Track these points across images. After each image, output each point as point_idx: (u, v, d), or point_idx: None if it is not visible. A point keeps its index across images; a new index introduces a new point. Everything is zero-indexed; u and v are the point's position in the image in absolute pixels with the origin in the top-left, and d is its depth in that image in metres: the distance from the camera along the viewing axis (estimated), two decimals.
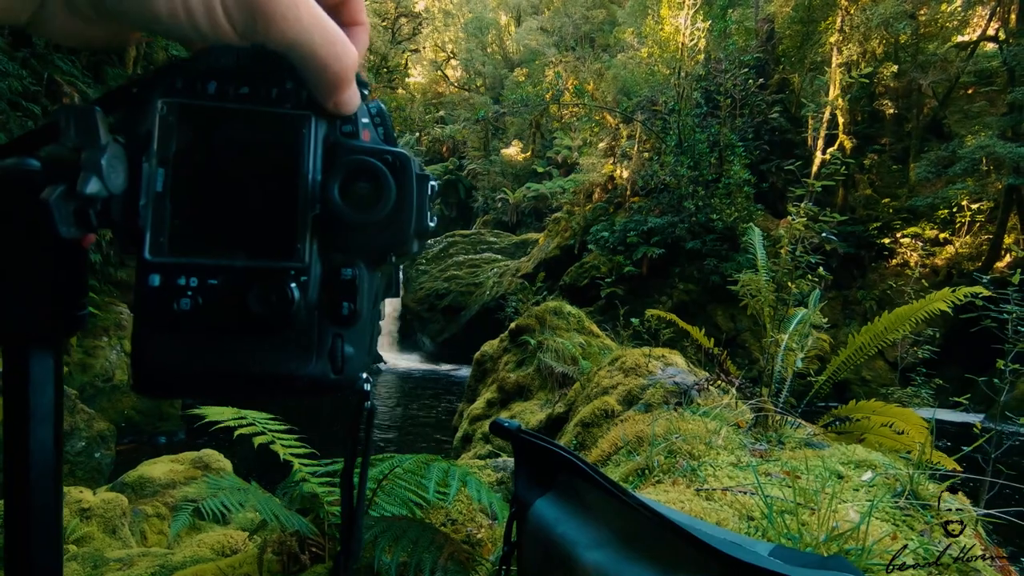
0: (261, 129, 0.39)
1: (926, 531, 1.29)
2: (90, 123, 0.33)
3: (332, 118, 0.40)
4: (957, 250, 15.62)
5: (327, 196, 0.39)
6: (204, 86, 0.38)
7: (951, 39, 18.20)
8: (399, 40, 28.53)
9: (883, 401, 2.59)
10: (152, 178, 0.37)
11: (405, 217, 0.40)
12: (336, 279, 0.39)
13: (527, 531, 0.97)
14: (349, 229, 0.39)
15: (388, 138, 0.43)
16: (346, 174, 0.39)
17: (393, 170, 0.40)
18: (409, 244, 0.41)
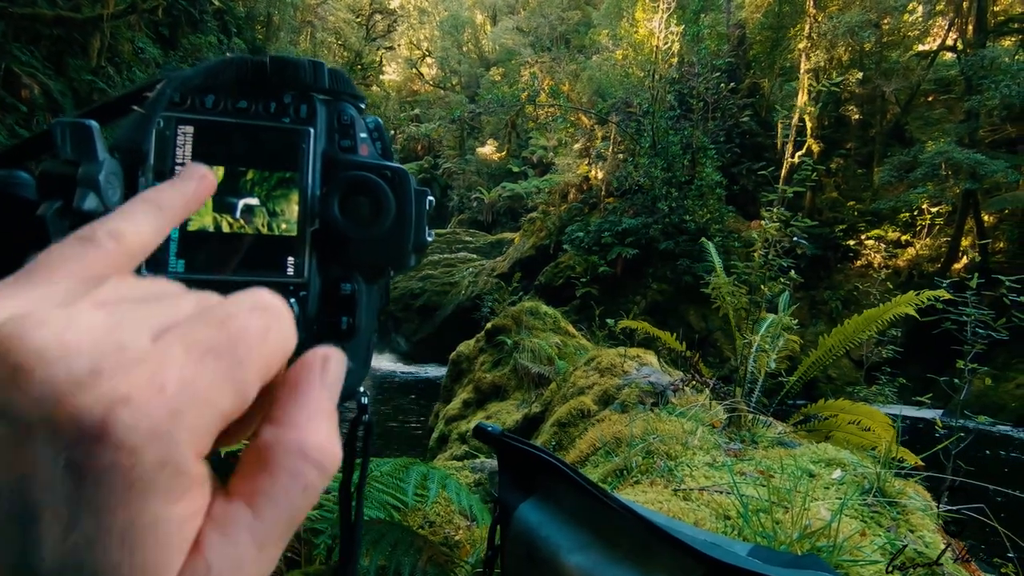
0: (259, 143, 0.39)
1: (893, 527, 1.34)
2: (87, 137, 0.32)
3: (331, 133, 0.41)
4: (918, 252, 16.17)
5: (326, 211, 0.39)
6: (202, 100, 0.38)
7: (913, 48, 18.83)
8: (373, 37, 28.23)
9: (850, 400, 2.68)
10: None
11: (404, 232, 0.40)
12: (335, 294, 0.40)
13: (510, 534, 0.98)
14: (348, 244, 0.39)
15: (386, 153, 0.43)
16: (345, 189, 0.39)
17: (392, 185, 0.40)
18: (407, 258, 0.41)
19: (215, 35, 14.38)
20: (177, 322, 0.20)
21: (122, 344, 0.19)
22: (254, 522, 0.20)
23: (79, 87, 10.52)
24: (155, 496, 0.18)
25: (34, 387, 0.17)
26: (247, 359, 0.20)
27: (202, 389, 0.19)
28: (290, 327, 0.23)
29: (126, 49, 11.81)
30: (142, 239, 0.25)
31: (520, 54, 27.15)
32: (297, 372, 0.23)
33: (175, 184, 0.28)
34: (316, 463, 0.21)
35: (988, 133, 16.08)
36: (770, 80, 19.24)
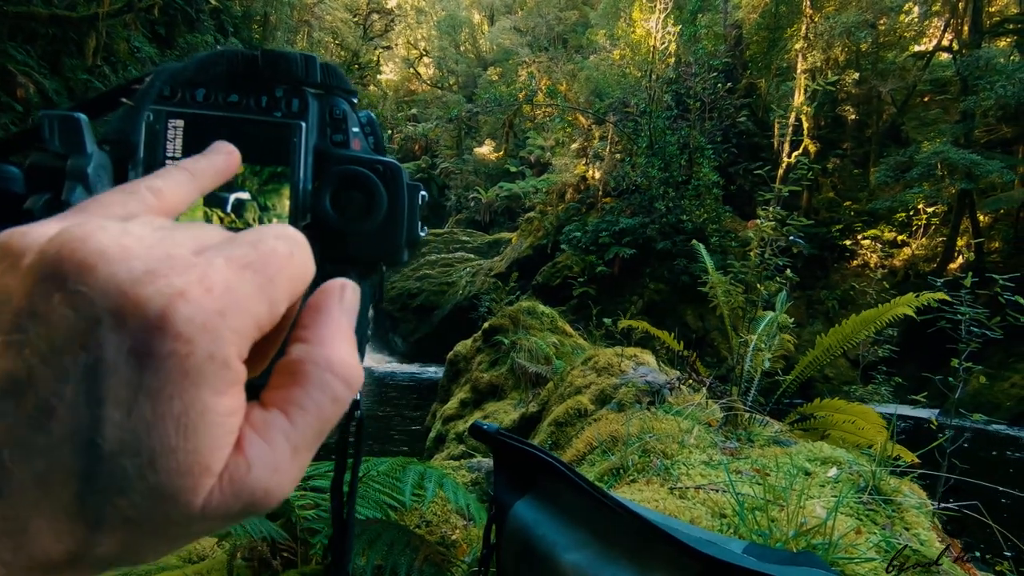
0: (250, 137, 0.38)
1: (888, 525, 1.34)
2: (75, 130, 0.32)
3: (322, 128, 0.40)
4: (914, 252, 16.22)
5: (318, 206, 0.39)
6: (192, 93, 0.38)
7: (909, 49, 18.89)
8: (371, 36, 28.19)
9: (845, 399, 2.68)
10: None
11: (397, 227, 0.40)
12: None
13: (506, 533, 0.98)
14: (340, 239, 0.39)
15: (379, 147, 0.43)
16: (338, 184, 0.39)
17: (384, 180, 0.40)
18: (400, 254, 0.41)
19: (211, 34, 14.35)
20: (212, 243, 0.23)
21: (169, 253, 0.21)
22: (289, 428, 0.22)
23: (75, 86, 10.48)
24: (206, 386, 0.19)
25: (99, 281, 0.19)
26: (277, 277, 0.22)
27: (242, 297, 0.21)
28: (309, 255, 0.25)
29: (122, 48, 11.77)
30: (178, 198, 0.28)
31: (517, 54, 27.16)
32: (319, 297, 0.26)
33: (206, 156, 0.31)
34: (342, 377, 0.23)
35: (984, 133, 16.14)
36: (767, 80, 19.28)
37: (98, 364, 0.18)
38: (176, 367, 0.19)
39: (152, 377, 0.18)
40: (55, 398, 0.18)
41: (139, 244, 0.20)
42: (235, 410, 0.20)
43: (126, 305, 0.19)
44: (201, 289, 0.20)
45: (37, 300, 0.19)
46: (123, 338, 0.18)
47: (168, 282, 0.19)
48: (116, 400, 0.18)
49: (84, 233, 0.20)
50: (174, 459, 0.19)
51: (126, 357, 0.18)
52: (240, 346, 0.21)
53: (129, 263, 0.19)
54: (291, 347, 0.24)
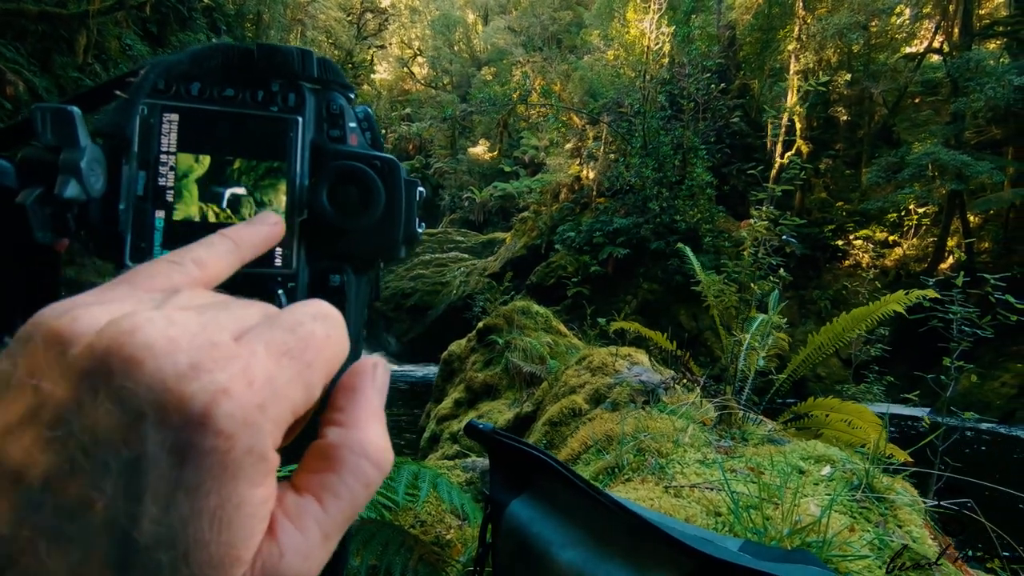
0: (246, 132, 0.38)
1: (881, 523, 1.35)
2: (68, 124, 0.32)
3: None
4: (905, 252, 16.35)
5: (315, 201, 0.38)
6: (187, 87, 0.37)
7: (900, 50, 19.04)
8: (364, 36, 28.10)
9: (839, 398, 2.70)
10: (132, 181, 0.36)
11: (394, 223, 0.40)
12: (324, 285, 0.39)
13: (502, 532, 0.97)
14: (337, 235, 0.39)
15: (375, 142, 0.42)
16: (334, 179, 0.39)
17: (382, 175, 0.40)
18: (397, 250, 0.41)
19: (204, 32, 14.26)
20: (251, 326, 0.23)
21: (213, 342, 0.21)
22: (322, 515, 0.22)
23: (65, 84, 10.39)
24: (243, 480, 0.20)
25: (145, 376, 0.19)
26: (315, 362, 0.23)
27: (281, 386, 0.21)
28: (345, 334, 0.25)
29: (113, 46, 11.67)
30: (220, 269, 0.29)
31: (512, 54, 27.16)
32: (352, 377, 0.26)
33: (252, 225, 0.32)
34: (376, 462, 0.24)
35: (974, 135, 16.28)
36: (760, 81, 19.37)
37: (139, 460, 0.19)
38: (216, 463, 0.19)
39: (192, 473, 0.19)
40: (95, 492, 0.18)
41: (184, 334, 0.20)
42: (268, 498, 0.21)
43: (170, 401, 0.19)
44: (243, 383, 0.20)
45: (83, 394, 0.19)
46: (166, 434, 0.19)
47: (212, 378, 0.20)
48: (155, 495, 0.18)
49: (133, 326, 0.20)
50: (207, 552, 0.19)
51: (167, 453, 0.19)
52: (277, 436, 0.21)
53: (175, 357, 0.20)
54: (326, 429, 0.24)
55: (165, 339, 0.20)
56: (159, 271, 0.26)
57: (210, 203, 0.37)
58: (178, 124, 0.37)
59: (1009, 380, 12.19)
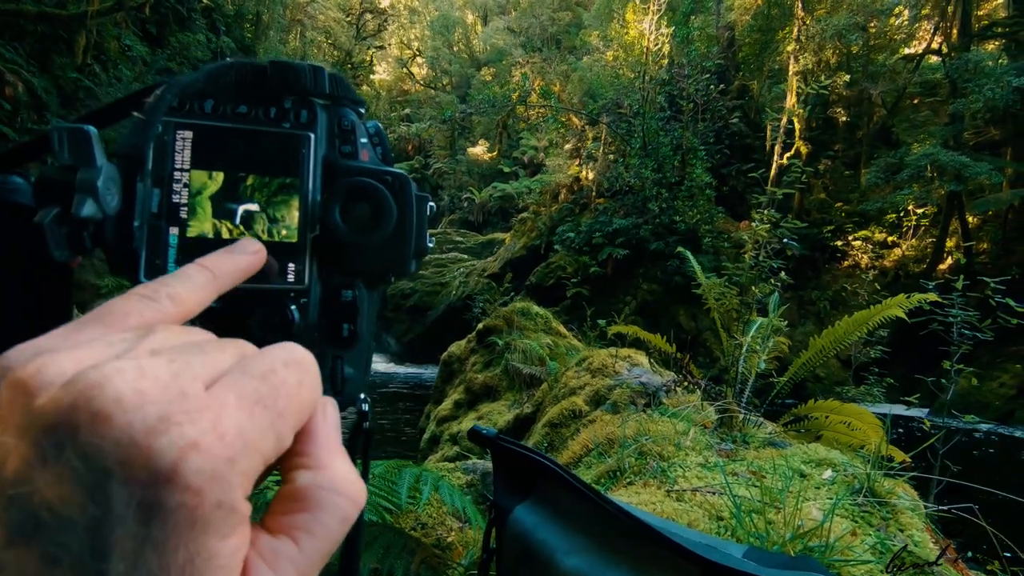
0: (259, 148, 0.38)
1: (882, 527, 1.35)
2: (85, 143, 0.32)
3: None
4: (904, 252, 16.37)
5: (328, 217, 0.39)
6: (201, 105, 0.37)
7: (899, 51, 19.06)
8: (364, 36, 28.10)
9: (839, 400, 2.70)
10: (147, 198, 0.36)
11: (405, 238, 0.40)
12: (336, 300, 0.39)
13: (506, 537, 0.97)
14: (349, 250, 0.39)
15: (386, 157, 0.43)
16: (347, 195, 0.39)
17: (393, 191, 0.40)
18: (408, 265, 0.41)
19: (203, 33, 14.25)
20: (224, 371, 0.23)
21: (184, 392, 0.21)
22: (297, 555, 0.22)
23: (64, 84, 10.38)
24: (212, 533, 0.19)
25: (113, 431, 0.19)
26: (286, 411, 0.23)
27: (252, 437, 0.21)
28: (317, 378, 0.26)
29: (112, 47, 11.66)
30: (195, 302, 0.28)
31: (511, 54, 27.17)
32: (308, 421, 0.26)
33: (231, 254, 0.32)
34: (351, 497, 0.24)
35: (972, 136, 16.30)
36: (759, 82, 19.39)
37: (105, 517, 0.18)
38: (184, 519, 0.19)
39: (159, 529, 0.18)
40: (60, 550, 0.18)
41: (154, 385, 0.20)
42: (240, 547, 0.21)
43: (138, 457, 0.18)
44: (214, 436, 0.20)
45: (48, 449, 0.18)
46: (132, 491, 0.18)
47: (181, 432, 0.19)
48: (121, 552, 0.18)
49: (101, 378, 0.19)
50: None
51: (134, 510, 0.18)
52: (247, 487, 0.21)
53: (144, 410, 0.19)
54: (293, 474, 0.24)
55: (134, 392, 0.19)
56: (132, 308, 0.25)
57: (224, 220, 0.37)
58: (192, 141, 0.37)
59: (1008, 381, 12.21)
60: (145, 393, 0.19)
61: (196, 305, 0.28)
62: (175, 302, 0.27)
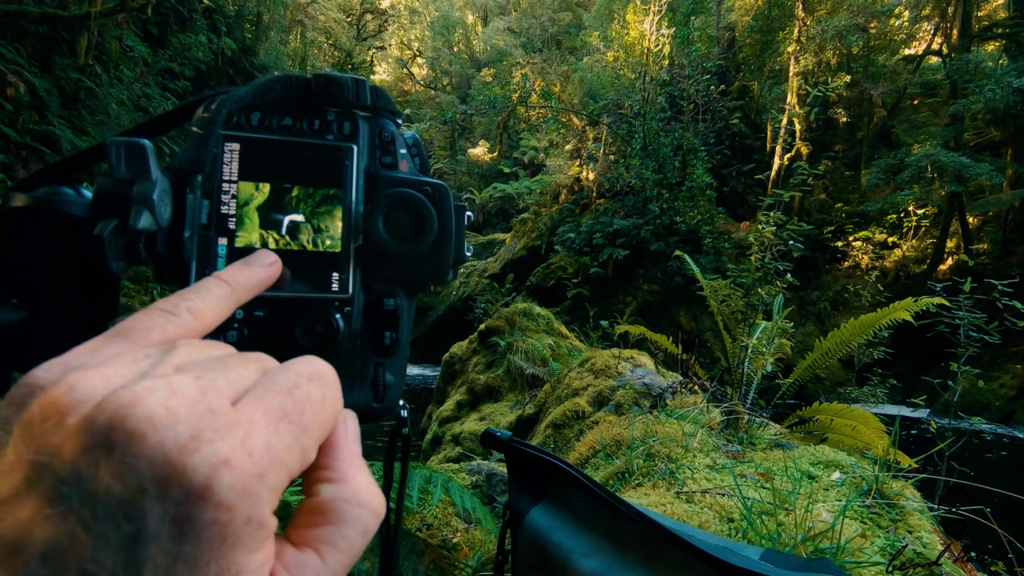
0: (304, 160, 0.39)
1: (891, 528, 1.36)
2: (141, 157, 0.32)
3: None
4: (904, 253, 16.37)
5: (371, 228, 0.39)
6: (248, 117, 0.38)
7: (899, 52, 19.07)
8: (364, 37, 28.10)
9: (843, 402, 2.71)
10: (197, 210, 0.36)
11: (445, 248, 0.41)
12: (378, 309, 0.40)
13: (521, 539, 0.98)
14: (392, 260, 0.40)
15: (424, 167, 0.43)
16: (389, 206, 0.40)
17: (433, 201, 0.41)
18: (447, 274, 0.42)
19: (204, 34, 14.25)
20: (248, 387, 0.23)
21: (212, 409, 0.21)
22: (321, 567, 0.23)
23: (65, 85, 10.38)
24: (241, 548, 0.20)
25: (147, 450, 0.19)
26: (311, 425, 0.24)
27: (279, 453, 0.22)
28: (339, 392, 0.26)
29: (114, 47, 11.66)
30: (215, 315, 0.29)
31: (511, 55, 27.16)
32: (329, 434, 0.26)
33: (249, 267, 0.32)
34: (373, 509, 0.25)
35: (973, 136, 16.32)
36: (759, 83, 19.40)
37: (140, 533, 0.18)
38: (216, 534, 0.19)
39: (191, 545, 0.19)
40: (95, 565, 0.18)
41: (183, 404, 0.20)
42: (266, 560, 0.21)
43: (172, 475, 0.19)
44: (243, 453, 0.20)
45: (83, 467, 0.19)
46: (167, 507, 0.19)
47: (213, 449, 0.20)
48: (154, 567, 0.18)
49: (133, 398, 0.20)
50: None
51: (168, 526, 0.19)
52: (274, 502, 0.21)
53: (175, 429, 0.20)
54: (317, 487, 0.25)
55: (165, 411, 0.20)
56: (154, 323, 0.26)
57: (270, 230, 0.38)
58: (239, 153, 0.37)
59: (1008, 381, 12.22)
60: (176, 412, 0.20)
61: (216, 318, 0.29)
62: (195, 316, 0.27)
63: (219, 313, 0.29)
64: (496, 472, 2.97)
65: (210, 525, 0.19)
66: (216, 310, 0.29)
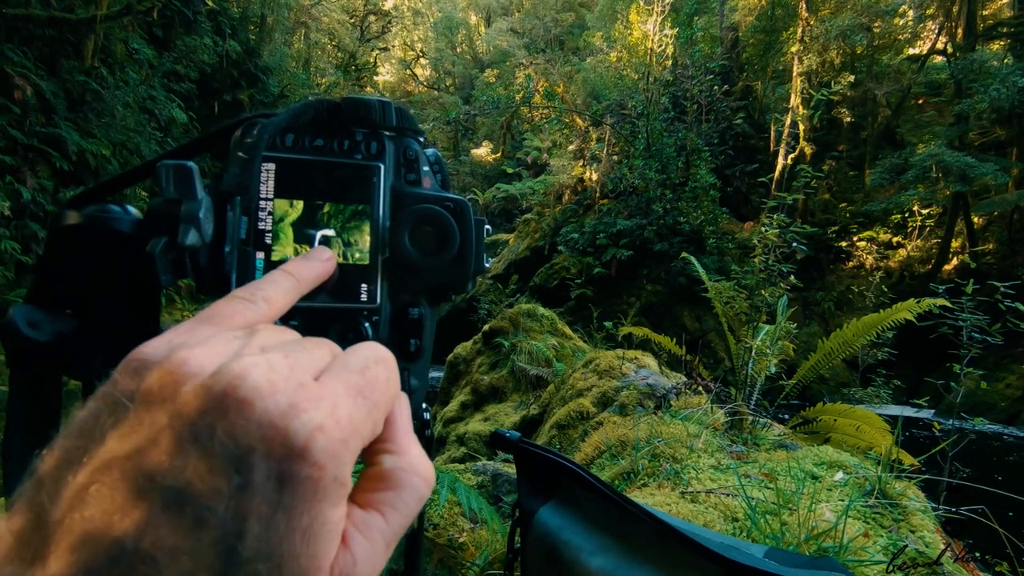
0: (334, 178, 0.41)
1: (894, 528, 1.38)
2: (188, 178, 0.35)
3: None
4: (909, 253, 16.32)
5: (397, 241, 0.42)
6: (282, 139, 0.41)
7: (903, 51, 19.03)
8: (368, 38, 28.17)
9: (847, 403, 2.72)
10: (236, 226, 0.39)
11: (466, 260, 0.43)
12: (404, 318, 0.42)
13: (531, 538, 1.00)
14: (416, 272, 0.42)
15: (445, 183, 0.46)
16: (414, 221, 0.42)
17: (455, 216, 0.43)
18: (468, 284, 0.44)
19: (209, 36, 14.31)
20: (324, 366, 0.27)
21: (302, 383, 0.24)
22: (385, 527, 0.27)
23: (72, 88, 10.44)
24: (328, 502, 0.23)
25: (255, 415, 0.22)
26: (380, 401, 0.27)
27: (357, 423, 0.25)
28: (398, 376, 0.30)
29: (119, 50, 11.73)
30: (284, 304, 0.33)
31: (514, 56, 27.17)
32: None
33: (309, 261, 0.36)
34: (426, 478, 0.29)
35: (977, 136, 16.27)
36: (763, 83, 19.37)
37: (248, 484, 0.21)
38: (310, 489, 0.22)
39: (289, 496, 0.22)
40: (208, 512, 0.21)
41: (280, 377, 0.24)
42: (344, 516, 0.24)
43: (276, 437, 0.22)
44: (332, 421, 0.24)
45: (200, 428, 0.22)
46: (271, 464, 0.22)
47: (309, 417, 0.23)
48: (258, 515, 0.21)
49: (243, 370, 0.23)
50: (298, 564, 0.22)
51: (272, 480, 0.22)
52: (352, 465, 0.25)
53: (276, 398, 0.23)
54: (380, 457, 0.29)
55: (268, 382, 0.23)
56: (236, 310, 0.29)
57: (303, 244, 0.40)
58: (275, 173, 0.40)
59: (1014, 382, 12.17)
60: (276, 384, 0.23)
61: (285, 306, 0.32)
62: (269, 303, 0.31)
63: (287, 301, 0.33)
64: (502, 472, 3.00)
65: (306, 481, 0.22)
66: (285, 298, 0.32)
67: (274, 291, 0.32)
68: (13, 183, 8.83)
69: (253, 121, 0.39)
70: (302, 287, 0.34)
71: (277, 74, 17.44)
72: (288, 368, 0.24)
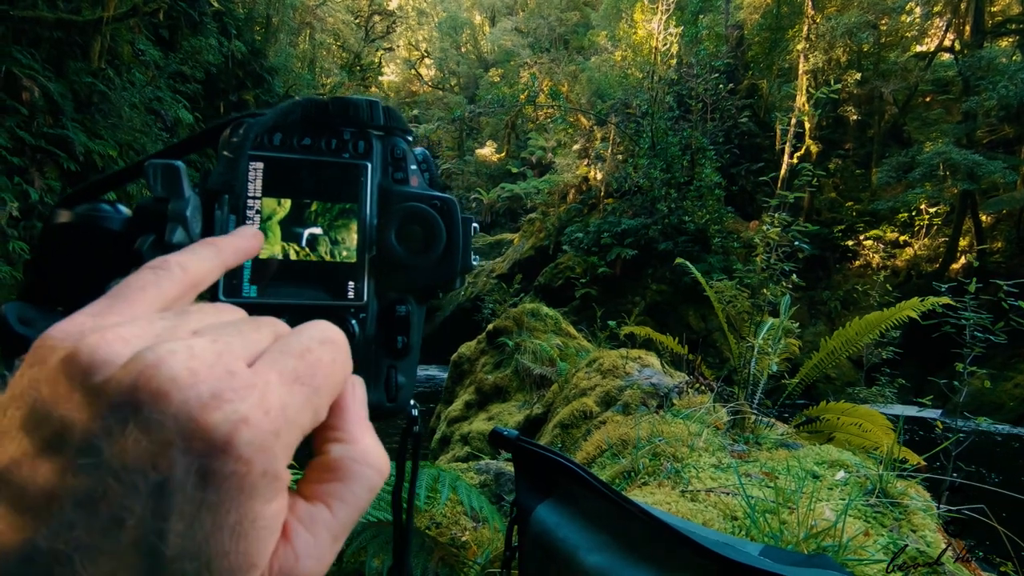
0: (322, 177, 0.42)
1: (895, 527, 1.37)
2: (176, 177, 0.35)
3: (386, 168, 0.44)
4: (916, 252, 16.22)
5: (384, 239, 0.42)
6: (270, 138, 0.41)
7: (911, 49, 18.90)
8: (372, 38, 28.22)
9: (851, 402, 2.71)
10: (224, 225, 0.39)
11: (453, 258, 0.44)
12: (391, 315, 0.43)
13: (528, 536, 1.01)
14: (403, 269, 0.43)
15: (433, 182, 0.46)
16: (401, 219, 0.43)
17: (442, 214, 0.43)
18: (455, 282, 0.45)
19: (215, 37, 14.38)
20: (261, 350, 0.25)
21: (230, 371, 0.22)
22: (331, 520, 0.25)
23: (79, 89, 10.51)
24: (258, 498, 0.22)
25: (172, 407, 0.21)
26: (322, 387, 0.25)
27: (292, 412, 0.23)
28: (348, 355, 0.28)
29: (126, 51, 11.80)
30: (203, 272, 0.30)
31: (519, 55, 27.18)
32: (339, 397, 0.28)
33: (233, 236, 0.34)
34: (378, 468, 0.27)
35: (986, 134, 16.14)
36: (768, 81, 19.29)
37: (166, 482, 0.20)
38: (235, 485, 0.21)
39: (213, 494, 0.21)
40: (126, 512, 0.20)
41: (203, 365, 0.22)
42: (280, 511, 0.23)
43: (196, 431, 0.21)
44: (260, 412, 0.22)
45: (112, 423, 0.20)
46: (191, 460, 0.21)
47: (233, 408, 0.21)
48: (180, 513, 0.20)
49: (157, 360, 0.21)
50: (227, 561, 0.21)
51: (192, 477, 0.20)
52: (288, 457, 0.23)
53: (197, 388, 0.21)
54: (328, 446, 0.27)
55: (187, 371, 0.21)
56: (147, 281, 0.27)
57: (291, 242, 0.41)
58: (263, 171, 0.40)
59: (1021, 382, 12.08)
60: (197, 372, 0.22)
61: (203, 274, 0.30)
62: (184, 270, 0.29)
63: (207, 269, 0.30)
64: (504, 471, 3.00)
65: (230, 476, 0.21)
66: (203, 266, 0.30)
67: (190, 259, 0.30)
68: (22, 184, 8.90)
69: (240, 120, 0.39)
70: (224, 258, 0.32)
71: (282, 74, 17.49)
72: (214, 354, 0.23)
